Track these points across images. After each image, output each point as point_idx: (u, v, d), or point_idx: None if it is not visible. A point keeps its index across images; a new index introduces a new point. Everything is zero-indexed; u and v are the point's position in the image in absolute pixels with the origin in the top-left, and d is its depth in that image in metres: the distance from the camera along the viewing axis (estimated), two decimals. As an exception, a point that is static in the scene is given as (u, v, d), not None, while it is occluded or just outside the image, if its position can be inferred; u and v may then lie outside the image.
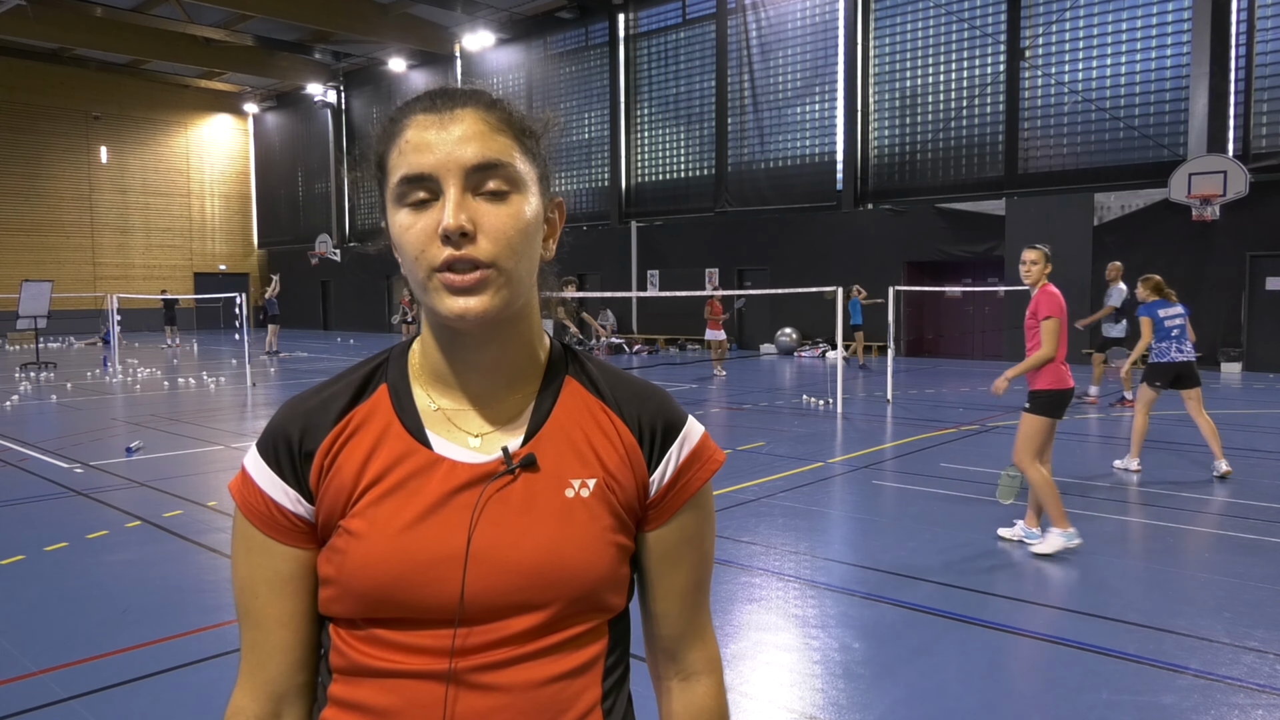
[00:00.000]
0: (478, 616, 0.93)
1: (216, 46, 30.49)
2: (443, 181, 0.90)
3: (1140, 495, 6.81)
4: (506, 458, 0.96)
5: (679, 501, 1.02)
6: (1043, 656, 3.88)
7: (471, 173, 0.90)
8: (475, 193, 0.91)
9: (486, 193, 0.91)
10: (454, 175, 0.90)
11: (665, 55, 24.90)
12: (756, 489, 7.03)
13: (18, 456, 8.63)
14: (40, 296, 20.76)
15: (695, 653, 1.08)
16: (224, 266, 38.18)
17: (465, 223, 0.89)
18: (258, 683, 0.99)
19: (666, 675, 1.09)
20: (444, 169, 0.90)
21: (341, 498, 0.95)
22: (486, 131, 0.92)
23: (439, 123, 0.91)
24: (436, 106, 0.93)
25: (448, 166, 0.90)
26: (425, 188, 0.91)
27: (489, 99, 0.96)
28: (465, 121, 0.92)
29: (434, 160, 0.90)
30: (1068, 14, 18.23)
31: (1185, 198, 16.03)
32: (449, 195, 0.89)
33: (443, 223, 0.88)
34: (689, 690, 1.08)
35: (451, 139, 0.91)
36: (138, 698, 3.48)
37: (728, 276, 23.26)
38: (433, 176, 0.90)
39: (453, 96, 0.94)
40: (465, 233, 0.89)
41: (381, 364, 1.03)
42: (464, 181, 0.90)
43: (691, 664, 1.08)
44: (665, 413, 1.04)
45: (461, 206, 0.89)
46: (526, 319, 0.99)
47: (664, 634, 1.07)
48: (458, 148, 0.90)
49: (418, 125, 0.92)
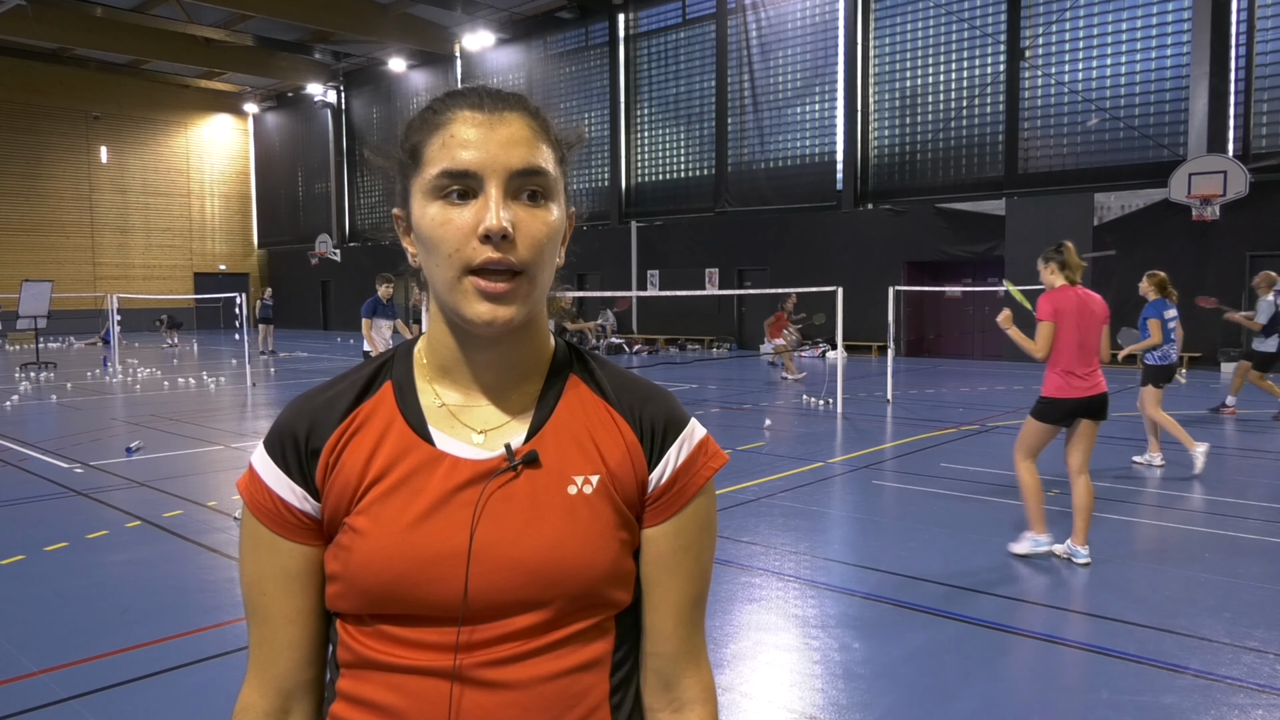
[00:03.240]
0: (481, 613, 0.93)
1: (216, 46, 30.48)
2: (486, 181, 0.90)
3: (1140, 495, 6.81)
4: (509, 454, 0.96)
5: (679, 501, 1.01)
6: (1043, 656, 3.88)
7: (515, 177, 0.91)
8: (513, 197, 0.92)
9: (524, 198, 0.92)
10: (498, 176, 0.90)
11: (665, 55, 24.90)
12: (756, 489, 7.03)
13: (18, 456, 8.63)
14: (40, 296, 20.76)
15: (689, 678, 1.04)
16: (224, 267, 38.16)
17: (508, 225, 0.89)
18: (266, 679, 1.00)
19: (658, 706, 1.04)
20: (489, 169, 0.90)
21: (346, 495, 0.95)
22: (531, 138, 0.93)
23: (487, 122, 0.92)
24: (484, 105, 0.93)
25: (493, 167, 0.90)
26: (465, 184, 0.91)
27: (533, 106, 0.97)
28: (513, 125, 0.92)
29: (480, 158, 0.90)
30: (1068, 14, 18.24)
31: (1185, 198, 16.04)
32: (492, 196, 0.90)
33: (485, 222, 0.89)
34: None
35: (499, 140, 0.91)
36: (138, 698, 3.48)
37: (728, 276, 23.27)
38: (476, 174, 0.90)
39: (500, 98, 0.94)
40: (506, 235, 0.89)
41: (387, 361, 1.04)
42: (506, 184, 0.91)
43: (685, 691, 1.03)
44: (668, 412, 1.04)
45: (504, 208, 0.90)
46: (536, 319, 1.00)
47: (657, 652, 1.03)
48: (505, 150, 0.91)
49: (464, 121, 0.92)
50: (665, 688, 1.04)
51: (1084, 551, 5.09)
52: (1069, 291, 5.07)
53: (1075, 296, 5.05)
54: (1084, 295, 5.07)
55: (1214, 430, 9.82)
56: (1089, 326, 5.03)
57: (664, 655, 1.03)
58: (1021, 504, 6.17)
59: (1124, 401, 10.87)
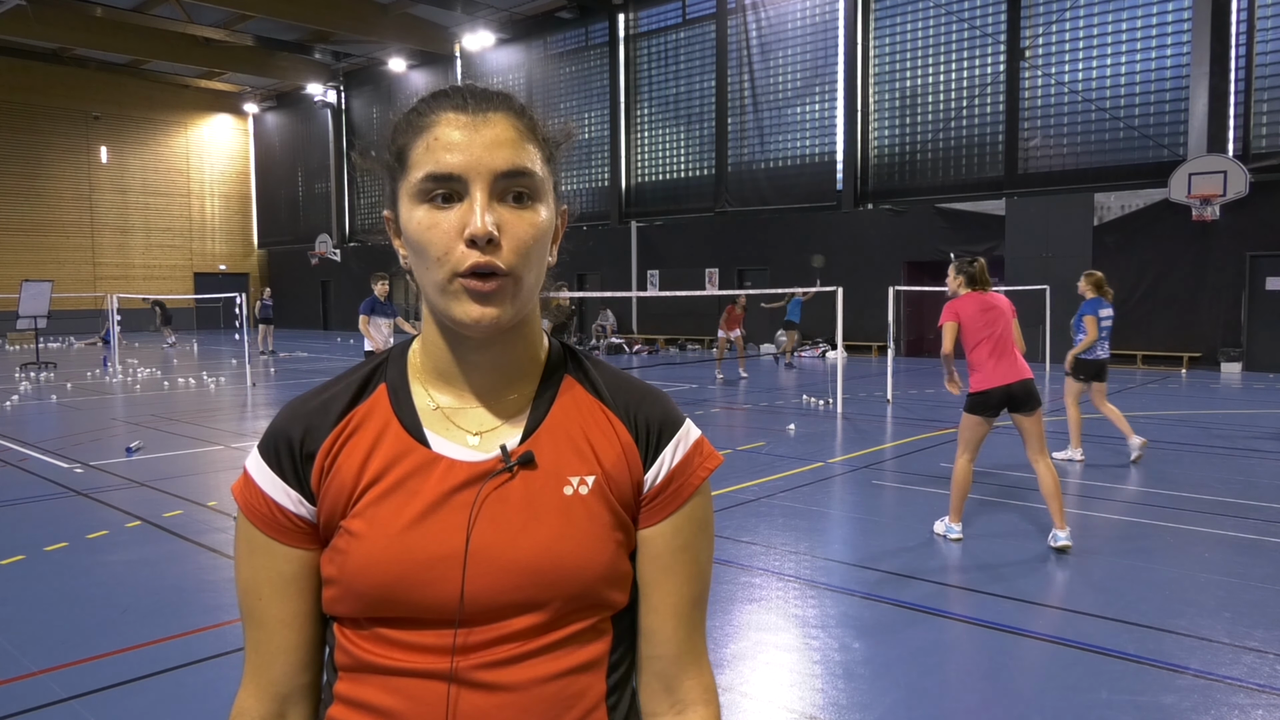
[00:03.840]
0: (478, 615, 0.93)
1: (216, 46, 30.49)
2: (471, 184, 0.90)
3: (1139, 495, 6.81)
4: (504, 456, 0.96)
5: (675, 502, 1.01)
6: (1043, 656, 3.88)
7: (500, 178, 0.90)
8: (499, 199, 0.91)
9: (510, 199, 0.91)
10: (483, 179, 0.90)
11: (665, 55, 24.90)
12: (756, 489, 7.03)
13: (18, 456, 8.63)
14: (40, 296, 20.76)
15: (690, 680, 1.02)
16: (224, 267, 38.18)
17: (493, 228, 0.89)
18: (262, 683, 0.99)
19: (659, 710, 1.03)
20: (474, 171, 0.90)
21: (342, 498, 0.95)
22: (516, 138, 0.92)
23: (470, 124, 0.91)
24: (467, 106, 0.92)
25: (478, 170, 0.90)
26: (450, 187, 0.90)
27: (518, 105, 0.96)
28: (497, 126, 0.92)
29: (464, 161, 0.90)
30: (1068, 14, 18.24)
31: (1185, 198, 16.04)
32: (477, 199, 0.89)
33: (470, 227, 0.88)
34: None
35: (483, 141, 0.90)
36: (138, 698, 3.48)
37: (728, 276, 23.27)
38: (461, 177, 0.90)
39: (484, 98, 0.93)
40: (491, 238, 0.89)
41: (381, 364, 1.03)
42: (491, 186, 0.90)
43: (686, 693, 1.02)
44: (663, 413, 1.03)
45: (488, 211, 0.89)
46: (528, 320, 0.99)
47: (657, 654, 1.02)
48: (489, 152, 0.90)
49: (447, 123, 0.91)
50: (666, 690, 1.03)
51: (1063, 534, 5.32)
52: (969, 297, 5.61)
53: (975, 300, 5.57)
54: (986, 297, 5.61)
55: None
56: (995, 321, 5.51)
57: (664, 657, 1.02)
58: (1021, 503, 6.22)
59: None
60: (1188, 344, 16.96)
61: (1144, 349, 17.31)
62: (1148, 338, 17.28)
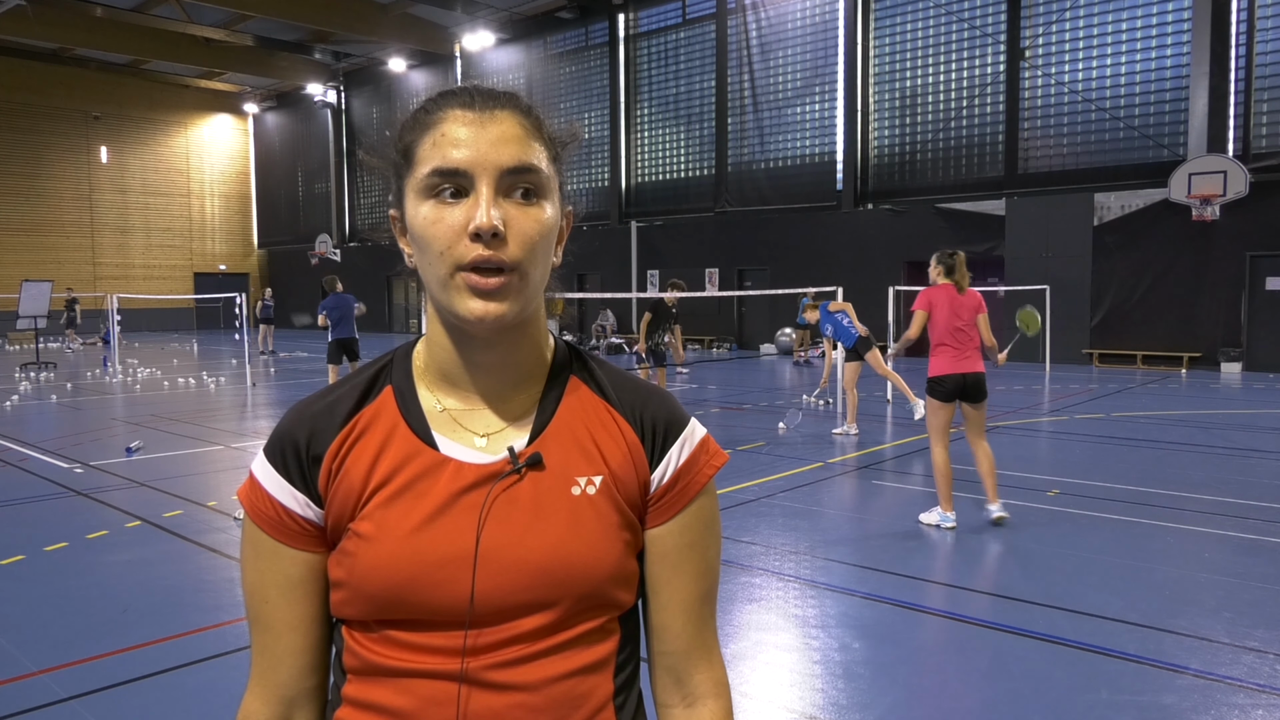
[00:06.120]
0: (488, 616, 0.93)
1: (216, 46, 30.48)
2: (477, 180, 0.90)
3: (1139, 495, 6.81)
4: (512, 457, 0.96)
5: (682, 500, 1.02)
6: (1043, 656, 3.88)
7: (505, 175, 0.91)
8: (505, 195, 0.91)
9: (516, 196, 0.92)
10: (489, 175, 0.90)
11: (665, 55, 24.90)
12: (756, 489, 7.03)
13: (18, 456, 8.63)
14: (40, 296, 20.76)
15: (701, 674, 1.04)
16: (224, 267, 38.16)
17: (498, 223, 0.89)
18: (269, 686, 0.99)
19: (670, 701, 1.04)
20: (480, 167, 0.90)
21: (350, 501, 0.95)
22: (523, 136, 0.93)
23: (477, 120, 0.92)
24: (474, 104, 0.93)
25: (484, 165, 0.90)
26: (456, 183, 0.91)
27: (525, 104, 0.96)
28: (504, 123, 0.92)
29: (470, 157, 0.90)
30: (1068, 14, 18.24)
31: (1185, 198, 16.04)
32: (482, 194, 0.90)
33: (475, 221, 0.89)
34: (694, 717, 1.04)
35: (489, 138, 0.91)
36: (138, 698, 3.48)
37: (728, 276, 23.27)
38: (467, 173, 0.90)
39: (491, 96, 0.94)
40: (497, 233, 0.89)
41: (385, 366, 1.03)
42: (497, 182, 0.91)
43: (697, 686, 1.03)
44: (668, 412, 1.04)
45: (494, 207, 0.90)
46: (534, 321, 0.99)
47: (668, 650, 1.03)
48: (495, 148, 0.91)
49: (454, 120, 0.92)
50: (677, 683, 1.04)
51: (995, 508, 5.87)
52: (943, 288, 5.97)
53: (948, 291, 5.94)
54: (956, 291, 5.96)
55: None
56: (960, 314, 5.88)
57: (675, 653, 1.03)
58: (1019, 503, 6.23)
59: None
60: (1188, 344, 16.96)
61: (1144, 349, 17.32)
62: (1147, 338, 17.28)
